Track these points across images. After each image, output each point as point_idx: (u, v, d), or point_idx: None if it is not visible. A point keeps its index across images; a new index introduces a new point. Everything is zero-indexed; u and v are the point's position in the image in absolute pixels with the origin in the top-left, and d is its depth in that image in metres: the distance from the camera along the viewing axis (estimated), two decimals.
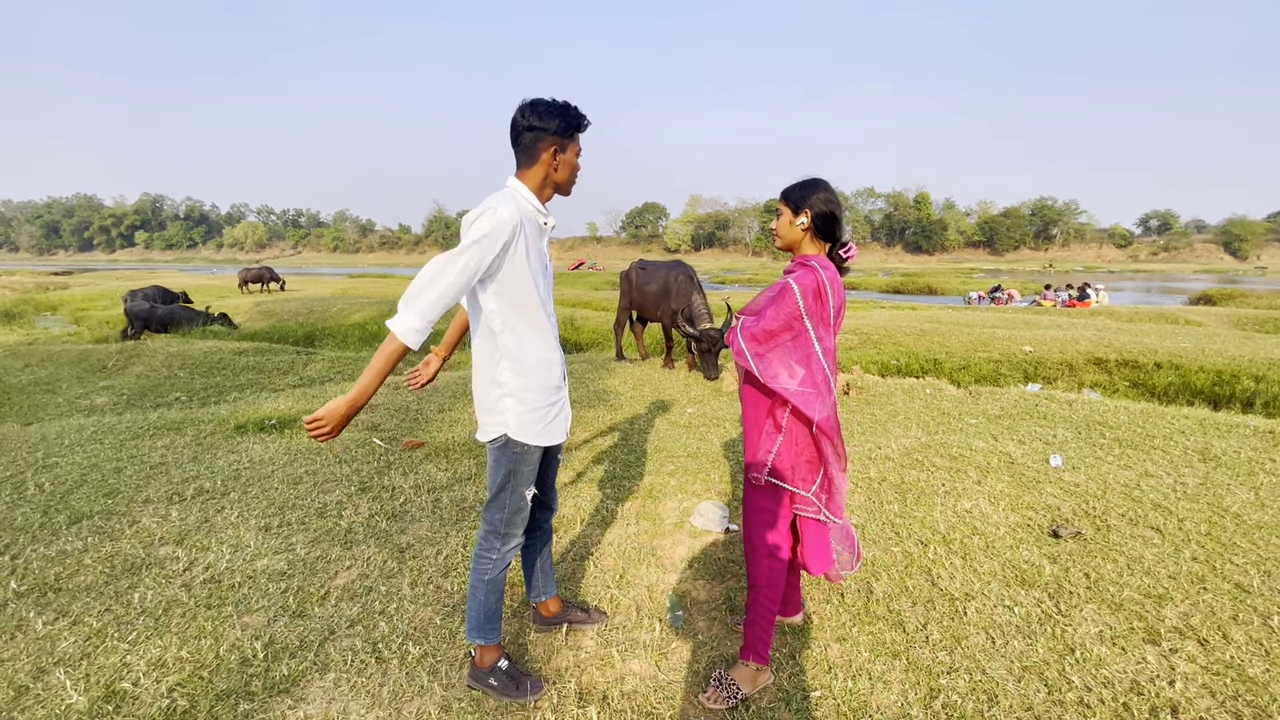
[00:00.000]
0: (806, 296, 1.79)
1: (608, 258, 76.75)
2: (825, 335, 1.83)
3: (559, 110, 1.73)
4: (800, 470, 1.89)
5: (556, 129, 1.73)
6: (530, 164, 1.77)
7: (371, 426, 4.76)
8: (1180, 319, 14.02)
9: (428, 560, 2.77)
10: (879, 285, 33.67)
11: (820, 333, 1.82)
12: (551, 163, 1.76)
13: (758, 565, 1.94)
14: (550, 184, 1.81)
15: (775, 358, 1.83)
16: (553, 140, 1.74)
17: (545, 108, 1.72)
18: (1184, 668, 1.99)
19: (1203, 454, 3.91)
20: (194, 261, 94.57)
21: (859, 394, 5.71)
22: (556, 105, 1.73)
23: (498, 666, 1.95)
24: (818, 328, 1.81)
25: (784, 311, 1.81)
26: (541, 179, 1.78)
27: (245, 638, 2.21)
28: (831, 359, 1.86)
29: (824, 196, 1.84)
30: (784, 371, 1.82)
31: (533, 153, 1.75)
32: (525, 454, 1.83)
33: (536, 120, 1.72)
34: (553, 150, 1.75)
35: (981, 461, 3.82)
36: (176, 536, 2.95)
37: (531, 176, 1.78)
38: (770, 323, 1.82)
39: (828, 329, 1.83)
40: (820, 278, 1.80)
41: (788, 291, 1.81)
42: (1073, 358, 8.47)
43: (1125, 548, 2.74)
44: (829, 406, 1.85)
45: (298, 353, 10.19)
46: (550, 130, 1.73)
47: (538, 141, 1.74)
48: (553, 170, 1.77)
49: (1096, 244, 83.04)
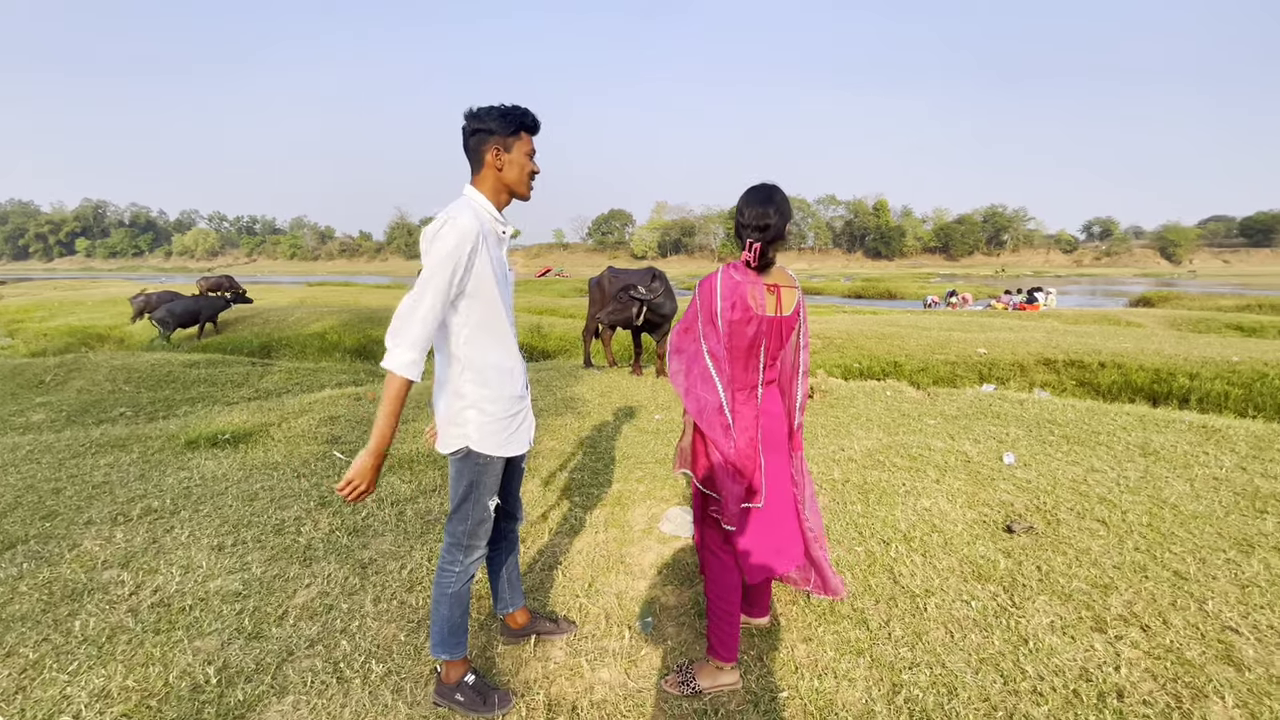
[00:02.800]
0: (701, 295, 1.88)
1: (574, 264, 76.60)
2: (712, 336, 1.86)
3: (500, 111, 1.72)
4: (709, 474, 1.95)
5: (498, 128, 1.71)
6: (479, 168, 1.76)
7: (332, 439, 4.63)
8: (1121, 320, 14.76)
9: (391, 575, 2.70)
10: (841, 290, 34.48)
11: (707, 333, 1.87)
12: (496, 163, 1.73)
13: (705, 564, 2.01)
14: (503, 188, 1.78)
15: (685, 357, 1.93)
16: (495, 140, 1.72)
17: (487, 110, 1.71)
18: (1128, 654, 2.09)
19: (1143, 449, 4.11)
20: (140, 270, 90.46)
21: (824, 397, 5.83)
22: (499, 107, 1.72)
23: (464, 681, 1.92)
24: (705, 328, 1.87)
25: (688, 311, 1.93)
26: (493, 183, 1.76)
27: (197, 663, 2.12)
28: (725, 363, 1.85)
29: (738, 205, 1.88)
30: (679, 369, 1.93)
31: (478, 156, 1.74)
32: (488, 465, 1.81)
33: (478, 123, 1.71)
34: (495, 150, 1.73)
35: (940, 461, 3.94)
36: (121, 559, 2.82)
37: (483, 182, 1.76)
38: (682, 321, 1.94)
39: (715, 331, 1.85)
40: (714, 280, 1.86)
41: (696, 291, 1.92)
42: (1024, 359, 8.82)
43: (1074, 540, 2.86)
44: (711, 409, 1.87)
45: (253, 364, 9.84)
46: (492, 130, 1.71)
47: (481, 144, 1.72)
48: (498, 171, 1.75)
49: (1044, 249, 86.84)
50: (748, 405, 1.90)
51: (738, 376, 1.88)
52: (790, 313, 1.92)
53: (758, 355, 1.89)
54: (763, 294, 1.86)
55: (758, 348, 1.88)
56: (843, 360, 9.16)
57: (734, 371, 1.87)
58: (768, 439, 1.95)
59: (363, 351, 12.10)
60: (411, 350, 1.61)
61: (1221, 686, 1.92)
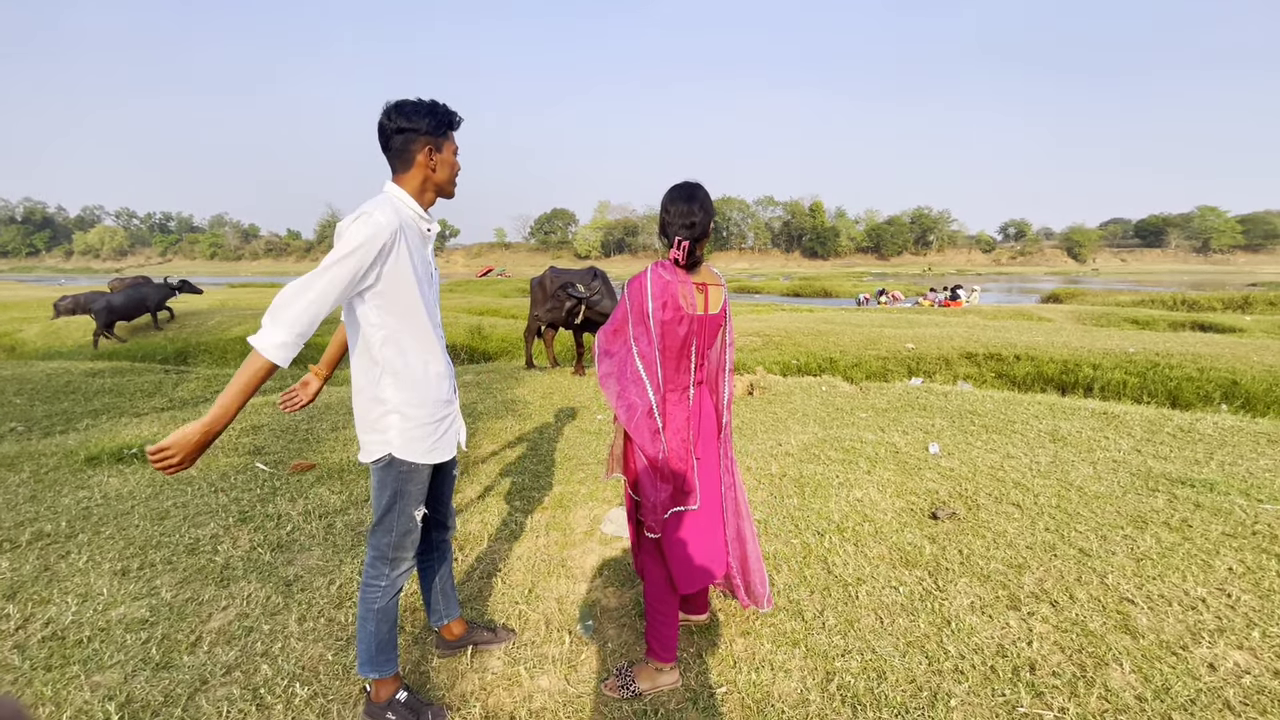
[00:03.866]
0: (631, 296, 1.87)
1: (517, 264, 75.38)
2: (643, 338, 1.84)
3: (427, 109, 1.65)
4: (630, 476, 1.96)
5: (428, 128, 1.65)
6: (406, 168, 1.69)
7: (254, 450, 4.37)
8: (1034, 316, 15.84)
9: (318, 592, 2.57)
10: (780, 289, 35.44)
11: (638, 334, 1.85)
12: (428, 164, 1.69)
13: (644, 566, 2.01)
14: (431, 186, 1.73)
15: (615, 360, 1.91)
16: (425, 140, 1.66)
17: (413, 108, 1.65)
18: (1039, 629, 2.23)
19: (1052, 435, 4.42)
20: (37, 271, 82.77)
21: (762, 394, 5.96)
22: (424, 104, 1.66)
23: (395, 699, 1.84)
24: (635, 329, 1.86)
25: (619, 310, 1.91)
26: (420, 182, 1.71)
27: (96, 699, 1.95)
28: (656, 366, 1.84)
29: (662, 203, 1.88)
30: (613, 375, 1.90)
31: (406, 156, 1.67)
32: (412, 473, 1.74)
33: (405, 122, 1.64)
34: (427, 150, 1.67)
35: (871, 453, 4.10)
36: (6, 590, 2.55)
37: (409, 181, 1.70)
38: (610, 322, 1.93)
39: (646, 332, 1.83)
40: (644, 280, 1.84)
41: (624, 291, 1.91)
42: (948, 353, 9.32)
43: (991, 524, 3.03)
44: (642, 414, 1.84)
45: (166, 372, 9.15)
46: (422, 130, 1.65)
47: (410, 144, 1.66)
48: (431, 172, 1.70)
49: (967, 249, 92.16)
50: (679, 406, 1.90)
51: (670, 377, 1.87)
52: (717, 311, 1.94)
53: (689, 355, 1.89)
54: (692, 293, 1.86)
55: (689, 347, 1.87)
56: (781, 357, 9.41)
57: (666, 372, 1.86)
58: (700, 439, 1.96)
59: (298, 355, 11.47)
60: (286, 332, 1.47)
61: (1120, 654, 2.07)
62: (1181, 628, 2.20)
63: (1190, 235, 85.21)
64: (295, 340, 1.48)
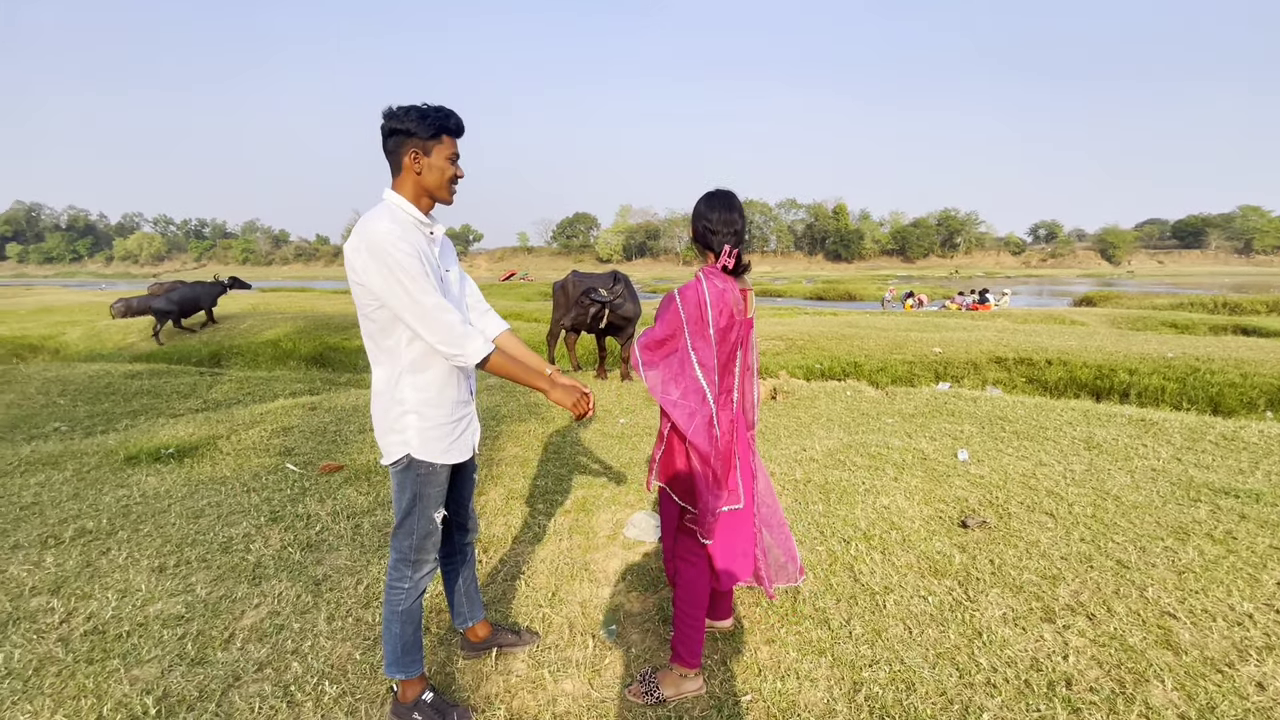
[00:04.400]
0: (687, 307, 1.84)
1: (539, 268, 75.94)
2: (703, 348, 1.84)
3: (419, 112, 1.65)
4: (682, 484, 1.94)
5: (417, 130, 1.64)
6: (397, 172, 1.69)
7: (285, 451, 4.46)
8: (1066, 319, 15.43)
9: (346, 591, 2.61)
10: (803, 293, 35.12)
11: (696, 344, 1.84)
12: (414, 167, 1.67)
13: (671, 567, 2.01)
14: (423, 192, 1.71)
15: (663, 368, 1.88)
16: (413, 143, 1.65)
17: (406, 110, 1.65)
18: (1076, 642, 2.16)
19: (1087, 442, 4.29)
20: (79, 276, 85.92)
21: (785, 398, 5.91)
22: (419, 107, 1.66)
23: (421, 700, 1.86)
24: (695, 339, 1.84)
25: (667, 321, 1.87)
26: (413, 187, 1.70)
27: (134, 693, 2.00)
28: (712, 373, 1.85)
29: (701, 212, 1.89)
30: (660, 383, 1.88)
31: (396, 158, 1.68)
32: (431, 474, 1.76)
33: (396, 124, 1.64)
34: (413, 154, 1.66)
35: (898, 459, 4.03)
36: (51, 585, 2.64)
37: (403, 185, 1.70)
38: (658, 331, 1.88)
39: (706, 342, 1.84)
40: (700, 289, 1.83)
41: (671, 301, 1.88)
42: (976, 357, 9.13)
43: (1024, 533, 2.95)
44: (704, 424, 1.84)
45: (201, 374, 9.42)
46: (410, 132, 1.64)
47: (399, 146, 1.66)
48: (416, 175, 1.68)
49: (995, 251, 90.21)
50: (725, 409, 1.92)
51: (722, 383, 1.89)
52: (752, 314, 1.99)
53: (734, 359, 1.92)
54: (739, 298, 1.89)
55: (735, 351, 1.91)
56: (804, 361, 9.32)
57: (720, 379, 1.88)
58: (738, 440, 1.98)
59: (319, 359, 11.71)
60: (472, 338, 1.65)
61: (1161, 670, 2.00)
62: (1227, 644, 2.12)
63: (1231, 236, 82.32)
64: (474, 333, 1.68)
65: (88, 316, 17.50)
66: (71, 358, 12.38)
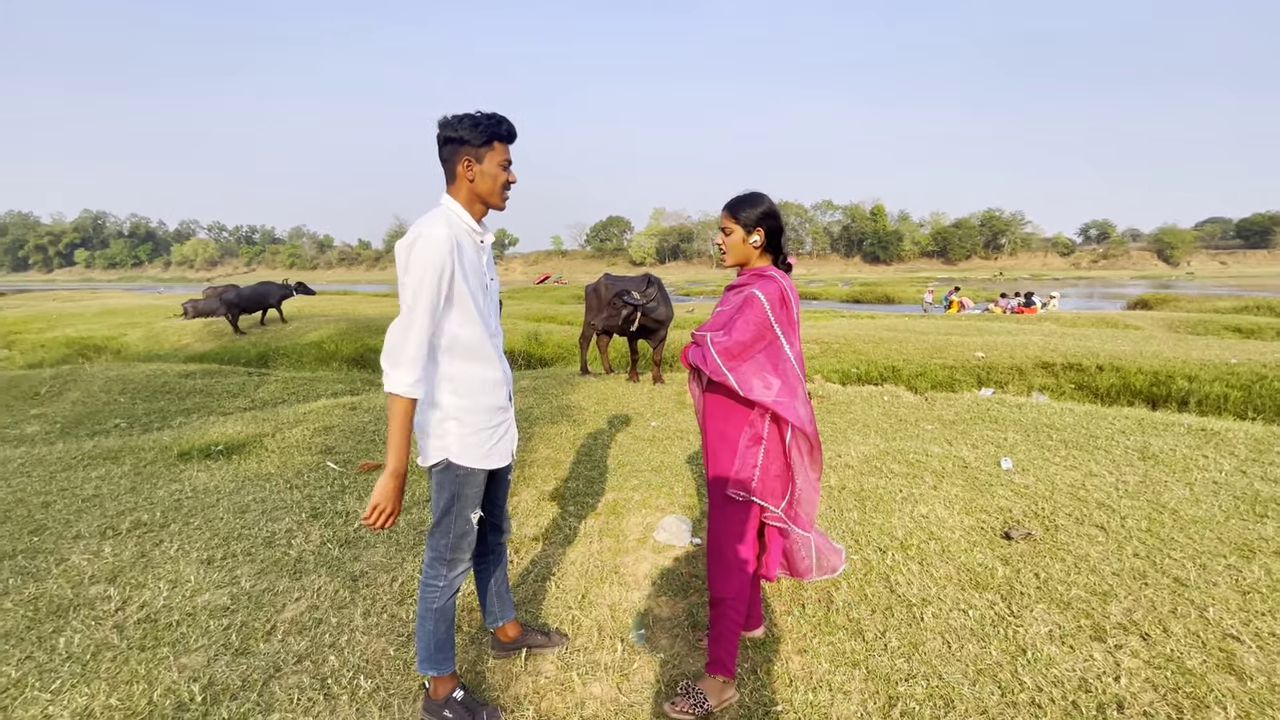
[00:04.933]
0: (774, 305, 1.83)
1: (573, 271, 76.63)
2: (794, 340, 1.89)
3: (473, 119, 1.68)
4: (771, 484, 1.91)
5: (469, 138, 1.67)
6: (452, 179, 1.73)
7: (326, 449, 4.60)
8: (1119, 323, 14.76)
9: (382, 588, 2.67)
10: (839, 295, 34.51)
11: (790, 338, 1.87)
12: (467, 174, 1.71)
13: (726, 579, 1.93)
14: (476, 198, 1.75)
15: (749, 369, 1.85)
16: (467, 150, 1.69)
17: (460, 119, 1.68)
18: (1128, 663, 2.05)
19: (1142, 453, 4.09)
20: (140, 280, 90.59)
21: (820, 402, 5.80)
22: (472, 115, 1.69)
23: (452, 698, 1.88)
24: (786, 333, 1.86)
25: (754, 322, 1.83)
26: (467, 194, 1.74)
27: (182, 680, 2.09)
28: (801, 363, 1.92)
29: (771, 211, 1.89)
30: (759, 383, 1.84)
31: (451, 165, 1.71)
32: (469, 477, 1.79)
33: (451, 132, 1.68)
34: (467, 161, 1.70)
35: (937, 467, 3.91)
36: (109, 574, 2.78)
37: (458, 192, 1.74)
38: (742, 334, 1.83)
39: (795, 334, 1.89)
40: (782, 285, 1.86)
41: (755, 302, 1.83)
42: (1022, 362, 8.80)
43: (1072, 547, 2.83)
44: (805, 408, 1.89)
45: (249, 374, 9.81)
46: (464, 140, 1.68)
47: (454, 154, 1.70)
48: (470, 182, 1.72)
49: (1042, 252, 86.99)
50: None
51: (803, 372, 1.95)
52: None
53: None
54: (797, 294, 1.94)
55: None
56: (840, 365, 9.14)
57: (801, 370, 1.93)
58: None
59: (360, 360, 12.05)
60: (411, 371, 1.61)
61: (1223, 696, 1.89)
62: None
63: None
64: (421, 372, 1.62)
65: (147, 319, 18.43)
66: (131, 358, 13.04)
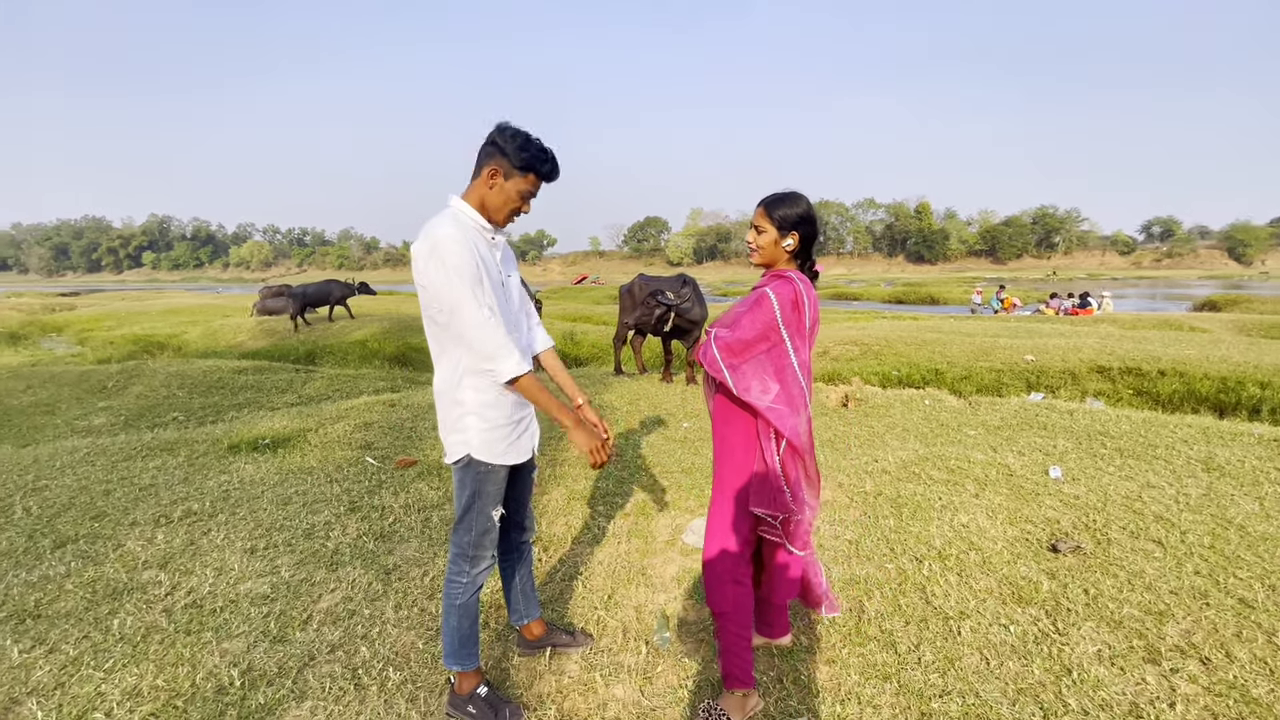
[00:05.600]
0: (784, 307, 1.76)
1: (610, 272, 76.97)
2: (801, 348, 1.80)
3: (522, 142, 1.69)
4: (766, 495, 1.84)
5: (509, 154, 1.68)
6: (475, 176, 1.75)
7: (365, 445, 4.73)
8: (1184, 325, 13.91)
9: (414, 582, 2.72)
10: (881, 295, 33.64)
11: (796, 344, 1.79)
12: (489, 181, 1.72)
13: (720, 592, 1.87)
14: (484, 205, 1.75)
15: (749, 370, 1.79)
16: (500, 162, 1.70)
17: (513, 134, 1.69)
18: (1185, 688, 1.92)
19: (1206, 464, 3.84)
20: (200, 281, 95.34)
21: (857, 405, 5.66)
22: (526, 137, 1.70)
23: (476, 693, 1.90)
24: (794, 339, 1.78)
25: (760, 321, 1.77)
26: (479, 198, 1.74)
27: (223, 665, 2.17)
28: (807, 373, 1.83)
29: (810, 217, 1.82)
30: (756, 385, 1.78)
31: (479, 168, 1.73)
32: (490, 474, 1.80)
33: (497, 138, 1.69)
34: (494, 170, 1.71)
35: (980, 474, 3.76)
36: (161, 560, 2.92)
37: (472, 193, 1.75)
38: (746, 332, 1.78)
39: (804, 341, 1.80)
40: (798, 289, 1.78)
41: (764, 301, 1.78)
42: (1075, 366, 8.39)
43: (1126, 562, 2.67)
44: (804, 422, 1.81)
45: (297, 370, 10.19)
46: (504, 152, 1.69)
47: (488, 158, 1.71)
48: (487, 189, 1.72)
49: (1099, 251, 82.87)
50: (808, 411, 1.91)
51: (809, 384, 1.88)
52: None
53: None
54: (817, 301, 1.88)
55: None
56: (880, 367, 8.90)
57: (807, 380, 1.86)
58: None
59: (401, 359, 12.38)
60: (509, 352, 1.67)
61: None
62: None
63: None
64: (514, 349, 1.69)
65: (206, 317, 19.36)
66: (190, 354, 13.71)
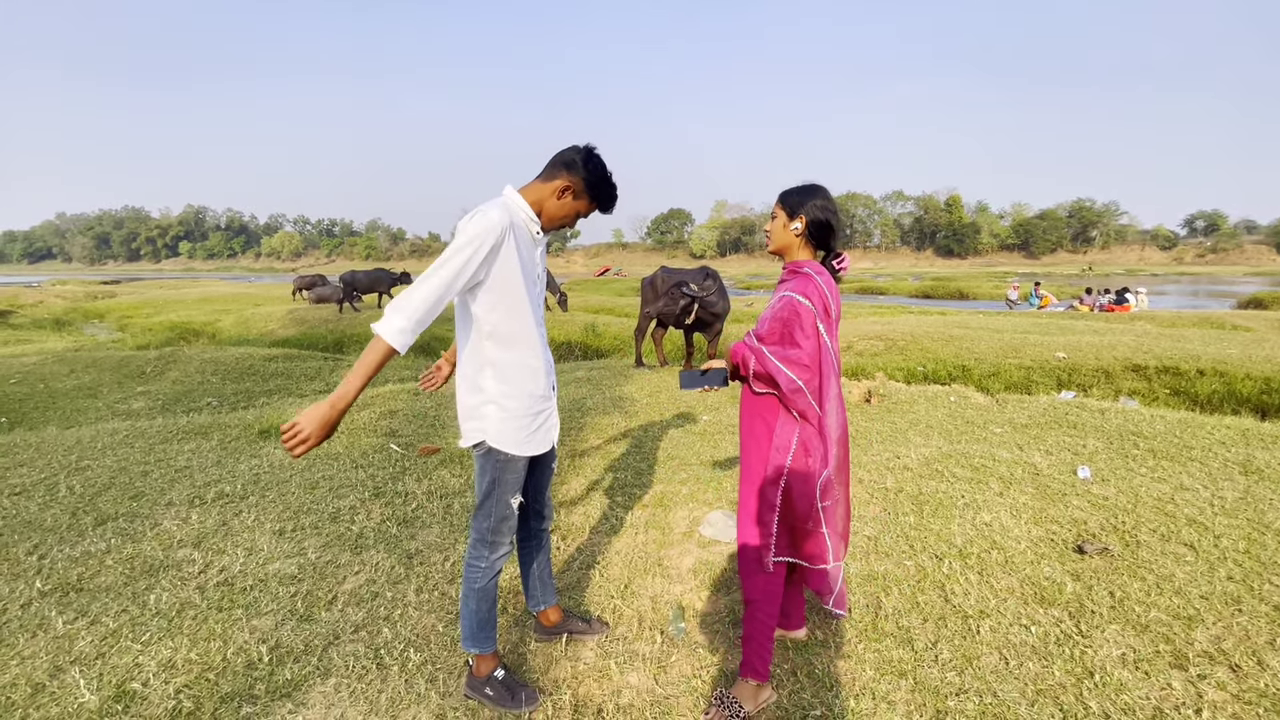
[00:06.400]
0: (815, 301, 1.77)
1: (632, 264, 76.89)
2: (834, 338, 1.82)
3: (601, 178, 1.78)
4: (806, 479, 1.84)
5: (585, 180, 1.77)
6: (542, 180, 1.80)
7: (390, 432, 4.83)
8: (1226, 323, 13.40)
9: (435, 566, 2.78)
10: (908, 290, 33.03)
11: (832, 334, 1.81)
12: (556, 192, 1.78)
13: (751, 580, 1.90)
14: (545, 209, 1.81)
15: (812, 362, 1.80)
16: (575, 183, 1.77)
17: (600, 163, 1.79)
18: (1212, 695, 1.88)
19: (1244, 466, 3.71)
20: (234, 270, 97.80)
21: (881, 401, 5.59)
22: (604, 172, 1.79)
23: (494, 676, 1.94)
24: (829, 330, 1.80)
25: (806, 325, 1.76)
26: (540, 198, 1.80)
27: (253, 641, 2.25)
28: (836, 359, 1.84)
29: (820, 204, 1.80)
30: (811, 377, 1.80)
31: (551, 174, 1.79)
32: (508, 462, 1.82)
33: (584, 159, 1.76)
34: (565, 187, 1.77)
35: (1004, 472, 3.69)
36: (195, 539, 3.03)
37: (533, 191, 1.80)
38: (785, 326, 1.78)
39: (832, 330, 1.82)
40: (817, 283, 1.78)
41: (796, 308, 1.76)
42: (1109, 364, 8.16)
43: (1155, 565, 2.60)
44: (833, 400, 1.83)
45: (325, 359, 10.43)
46: (581, 177, 1.76)
47: (566, 169, 1.77)
48: (553, 198, 1.79)
49: (1139, 246, 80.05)
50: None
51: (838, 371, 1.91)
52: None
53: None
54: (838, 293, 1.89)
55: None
56: (905, 363, 8.76)
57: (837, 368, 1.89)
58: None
59: (426, 347, 12.57)
60: (406, 320, 1.57)
61: None
62: None
63: None
64: (414, 327, 1.58)
65: (239, 306, 19.90)
66: (224, 342, 14.11)
